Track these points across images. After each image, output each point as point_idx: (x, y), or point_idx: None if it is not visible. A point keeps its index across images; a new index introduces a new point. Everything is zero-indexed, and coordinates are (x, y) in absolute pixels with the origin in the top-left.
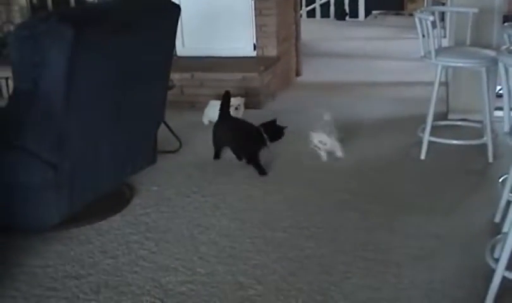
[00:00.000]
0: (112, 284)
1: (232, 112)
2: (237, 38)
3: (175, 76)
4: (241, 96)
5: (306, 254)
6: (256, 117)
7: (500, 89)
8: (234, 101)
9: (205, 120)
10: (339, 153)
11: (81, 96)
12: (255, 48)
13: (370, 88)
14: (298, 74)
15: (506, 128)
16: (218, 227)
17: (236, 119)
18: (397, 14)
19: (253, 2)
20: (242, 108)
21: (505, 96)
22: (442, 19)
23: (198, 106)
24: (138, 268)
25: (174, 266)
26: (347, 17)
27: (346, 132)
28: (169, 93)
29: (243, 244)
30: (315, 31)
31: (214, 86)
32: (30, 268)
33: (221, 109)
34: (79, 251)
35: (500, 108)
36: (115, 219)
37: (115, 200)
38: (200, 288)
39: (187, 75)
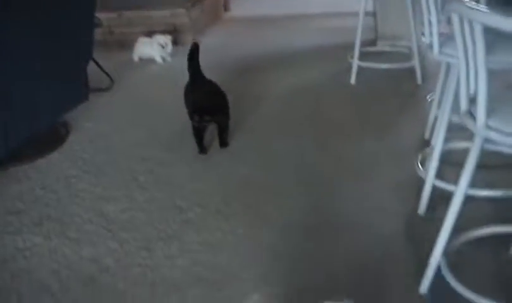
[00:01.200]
0: (55, 216)
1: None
2: None
3: (102, 16)
4: (169, 33)
5: (242, 179)
6: (184, 54)
7: None
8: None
9: (135, 57)
10: None
11: (8, 33)
12: None
13: (301, 20)
14: (226, 9)
15: (427, 39)
16: (155, 157)
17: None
18: None
19: None
20: (170, 45)
21: (424, 5)
22: None
23: (128, 44)
24: (79, 200)
25: (114, 196)
26: None
27: (280, 62)
28: (98, 32)
29: (181, 171)
30: None
31: (143, 24)
32: None
33: (190, 66)
34: (19, 188)
35: None
36: (53, 157)
37: (52, 138)
38: (141, 214)
39: (114, 15)
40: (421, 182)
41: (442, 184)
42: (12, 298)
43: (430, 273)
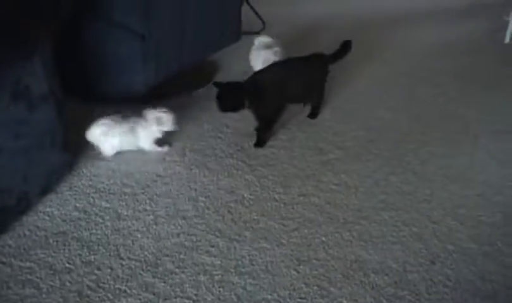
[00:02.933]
0: (197, 148)
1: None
2: None
3: None
4: None
5: (384, 124)
6: None
7: None
8: None
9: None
10: None
11: None
12: None
13: None
14: None
15: None
16: None
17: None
18: None
19: None
20: None
21: None
22: None
23: None
24: (222, 134)
25: (254, 135)
26: None
27: (429, 15)
28: None
29: (324, 114)
30: None
31: None
32: None
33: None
34: None
35: None
36: (199, 93)
37: (199, 76)
38: (282, 153)
39: None
40: None
41: None
42: (148, 219)
43: None
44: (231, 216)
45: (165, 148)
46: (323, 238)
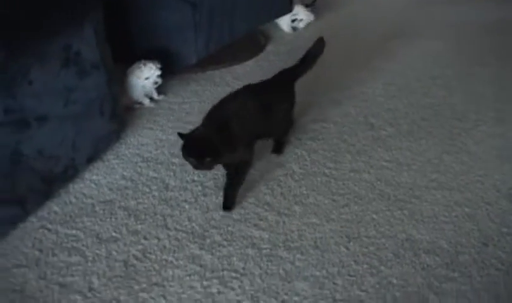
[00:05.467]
0: None
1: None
2: None
3: None
4: None
5: (438, 102)
6: None
7: None
8: None
9: None
10: None
11: None
12: None
13: None
14: None
15: None
16: (353, 76)
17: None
18: None
19: None
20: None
21: None
22: None
23: None
24: None
25: (304, 107)
26: None
27: None
28: None
29: (376, 90)
30: None
31: None
32: (168, 104)
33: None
34: (215, 91)
35: None
36: (249, 64)
37: (250, 46)
38: (332, 127)
39: None
40: None
41: None
42: (196, 190)
43: None
44: (281, 189)
45: (151, 104)
46: (374, 216)
